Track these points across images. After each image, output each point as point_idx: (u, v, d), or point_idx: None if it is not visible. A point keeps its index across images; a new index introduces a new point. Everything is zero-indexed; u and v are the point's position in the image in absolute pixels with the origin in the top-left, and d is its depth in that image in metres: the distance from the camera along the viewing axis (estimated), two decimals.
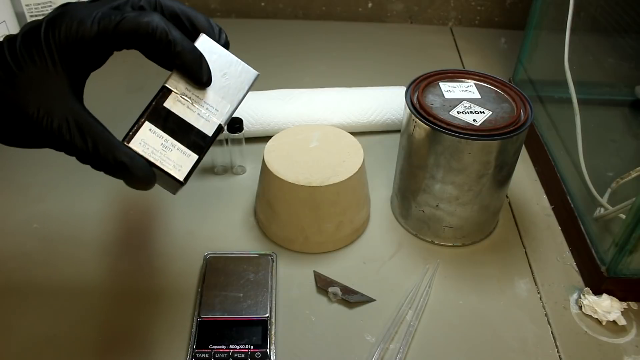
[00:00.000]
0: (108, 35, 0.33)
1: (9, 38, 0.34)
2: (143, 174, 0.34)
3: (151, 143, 0.34)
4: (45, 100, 0.33)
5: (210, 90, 0.36)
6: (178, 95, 0.35)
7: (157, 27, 0.33)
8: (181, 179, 0.35)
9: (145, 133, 0.34)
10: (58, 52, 0.33)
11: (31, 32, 0.34)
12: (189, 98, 0.36)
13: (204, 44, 0.36)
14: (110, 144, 0.33)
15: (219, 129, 0.36)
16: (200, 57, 0.35)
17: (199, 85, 0.36)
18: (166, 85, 0.35)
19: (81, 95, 0.35)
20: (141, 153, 0.34)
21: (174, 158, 0.35)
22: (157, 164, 0.34)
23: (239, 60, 0.37)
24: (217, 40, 0.37)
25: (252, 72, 0.37)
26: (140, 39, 0.33)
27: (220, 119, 0.36)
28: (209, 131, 0.36)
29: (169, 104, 0.35)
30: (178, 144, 0.35)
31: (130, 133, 0.34)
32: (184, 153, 0.35)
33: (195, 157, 0.35)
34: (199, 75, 0.35)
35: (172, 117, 0.35)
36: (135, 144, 0.34)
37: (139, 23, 0.33)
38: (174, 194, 0.38)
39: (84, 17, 0.33)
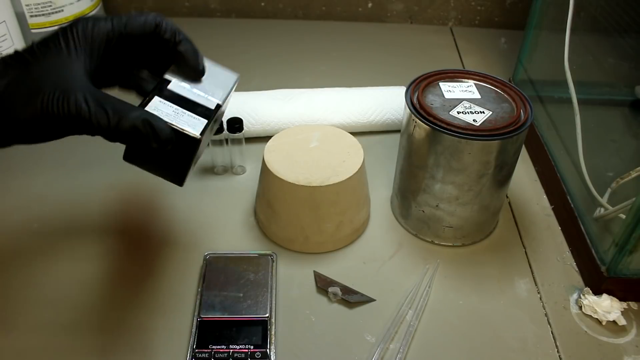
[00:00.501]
0: (121, 29, 0.37)
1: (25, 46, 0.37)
2: (166, 131, 0.36)
3: (164, 109, 0.38)
4: (61, 82, 0.35)
5: (202, 85, 0.41)
6: (177, 83, 0.40)
7: (162, 19, 0.39)
8: (197, 134, 0.37)
9: (157, 103, 0.38)
10: (74, 42, 0.36)
11: (47, 35, 0.37)
12: (187, 85, 0.40)
13: None
14: (129, 107, 0.36)
15: (218, 107, 0.40)
16: (196, 49, 0.40)
17: (195, 74, 0.40)
18: (165, 77, 0.40)
19: (97, 85, 0.37)
20: (164, 119, 0.37)
21: (187, 120, 0.38)
22: (174, 123, 0.37)
23: (222, 67, 0.43)
24: (197, 65, 0.41)
25: (234, 75, 0.44)
26: (149, 29, 0.38)
27: (219, 100, 0.40)
28: (211, 106, 0.40)
29: (171, 87, 0.39)
30: (187, 112, 0.38)
31: (144, 102, 0.38)
32: (194, 118, 0.38)
33: (205, 120, 0.38)
34: (197, 63, 0.40)
35: (177, 96, 0.39)
36: (150, 109, 0.37)
37: (147, 17, 0.38)
38: (181, 184, 0.40)
39: (98, 19, 0.38)
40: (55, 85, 0.34)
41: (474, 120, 0.47)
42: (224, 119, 0.57)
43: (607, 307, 0.47)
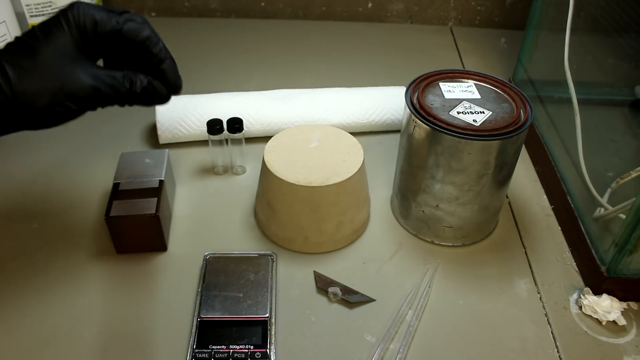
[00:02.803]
0: (119, 28, 0.39)
1: (31, 29, 0.38)
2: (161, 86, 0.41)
3: (122, 207, 0.49)
4: (69, 65, 0.37)
5: (144, 169, 0.53)
6: (126, 180, 0.51)
7: (152, 34, 0.40)
8: (152, 212, 0.48)
9: (116, 205, 0.49)
10: (76, 25, 0.38)
11: (48, 19, 0.38)
12: (134, 178, 0.52)
13: None
14: (130, 73, 0.39)
15: (161, 182, 0.52)
16: (176, 67, 0.42)
17: (174, 90, 0.42)
18: (115, 182, 0.51)
19: (96, 58, 0.40)
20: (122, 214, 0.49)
21: (142, 206, 0.50)
22: (132, 213, 0.49)
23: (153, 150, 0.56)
24: (176, 83, 0.43)
25: (163, 152, 0.55)
26: (141, 38, 0.39)
27: (160, 176, 0.52)
28: (156, 184, 0.52)
29: (122, 187, 0.51)
30: (139, 200, 0.50)
31: (107, 210, 0.49)
32: (146, 201, 0.50)
33: (154, 199, 0.50)
34: (176, 81, 0.42)
35: (129, 192, 0.51)
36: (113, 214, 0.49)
37: (141, 26, 0.40)
38: (165, 249, 0.52)
39: (97, 9, 0.39)
40: (66, 68, 0.37)
41: (474, 120, 0.47)
42: (224, 119, 0.57)
43: (607, 307, 0.47)
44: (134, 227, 0.49)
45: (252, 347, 0.42)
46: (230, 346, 0.42)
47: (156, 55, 0.41)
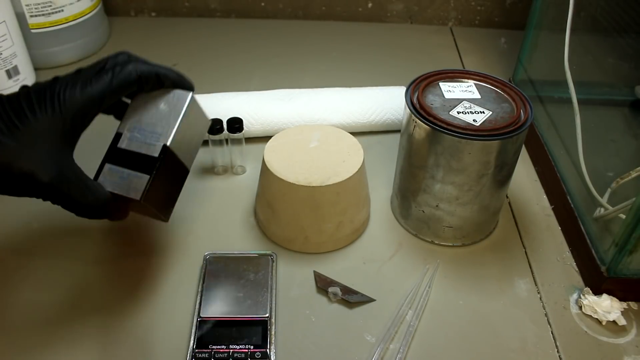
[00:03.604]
0: (108, 92, 0.39)
1: (8, 96, 0.37)
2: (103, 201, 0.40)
3: (112, 178, 0.41)
4: (43, 155, 0.37)
5: (154, 119, 0.43)
6: (128, 134, 0.42)
7: (142, 70, 0.40)
8: (137, 198, 0.40)
9: (107, 171, 0.42)
10: (62, 109, 0.37)
11: (36, 90, 0.38)
12: (138, 132, 0.42)
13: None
14: (88, 188, 0.39)
15: (165, 148, 0.42)
16: (179, 73, 0.43)
17: (190, 89, 0.43)
18: (118, 131, 0.43)
19: (74, 145, 0.40)
20: (108, 189, 0.41)
21: (133, 184, 0.41)
22: (120, 193, 0.41)
23: (175, 90, 0.44)
24: (189, 86, 0.44)
25: (186, 94, 0.43)
26: (132, 86, 0.40)
27: (166, 140, 0.42)
28: (156, 153, 0.42)
29: (122, 143, 0.42)
30: (132, 172, 0.41)
31: (97, 173, 0.42)
32: (138, 177, 0.41)
33: (146, 177, 0.41)
34: (188, 83, 0.43)
35: (126, 154, 0.42)
36: (101, 181, 0.41)
37: (129, 73, 0.40)
38: (166, 220, 0.45)
39: (80, 81, 0.38)
40: (38, 158, 0.36)
41: (474, 120, 0.47)
42: (224, 119, 0.57)
43: (607, 307, 0.47)
44: (122, 201, 0.42)
45: (252, 347, 0.42)
46: (230, 346, 0.42)
47: (159, 82, 0.42)
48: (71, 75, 0.39)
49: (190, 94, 0.43)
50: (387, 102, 0.67)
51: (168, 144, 0.42)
